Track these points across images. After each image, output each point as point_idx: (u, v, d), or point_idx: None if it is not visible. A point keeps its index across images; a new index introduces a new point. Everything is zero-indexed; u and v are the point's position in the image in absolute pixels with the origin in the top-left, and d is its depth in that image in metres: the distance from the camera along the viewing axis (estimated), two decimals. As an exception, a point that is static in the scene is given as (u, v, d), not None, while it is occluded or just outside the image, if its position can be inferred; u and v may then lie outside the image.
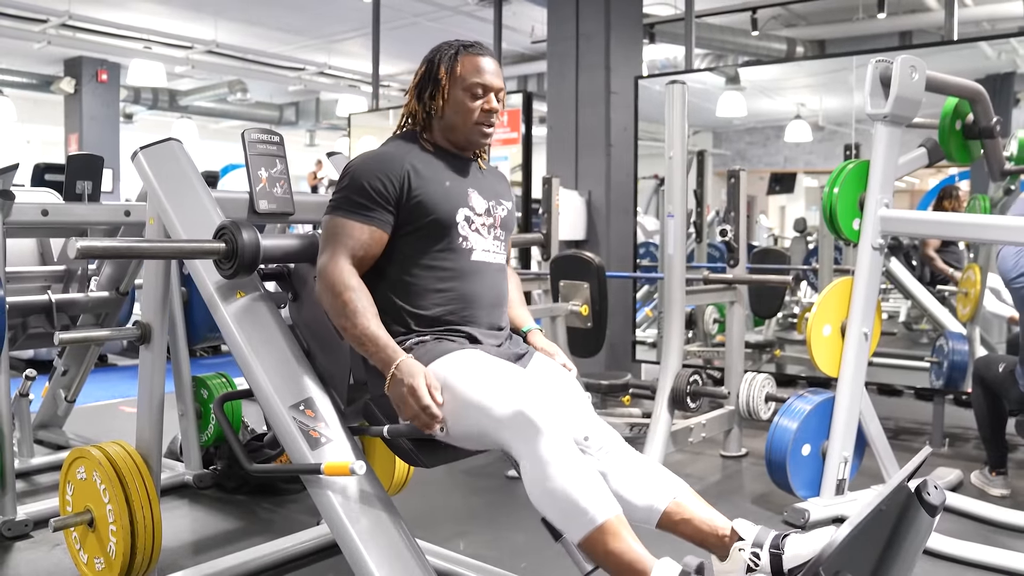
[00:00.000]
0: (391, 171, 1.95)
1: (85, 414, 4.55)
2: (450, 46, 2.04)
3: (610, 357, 5.58)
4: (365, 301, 1.87)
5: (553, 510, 1.66)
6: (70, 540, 2.31)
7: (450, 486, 3.61)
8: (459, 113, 2.00)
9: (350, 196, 1.94)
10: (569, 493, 1.63)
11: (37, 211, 3.04)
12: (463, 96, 1.99)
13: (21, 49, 9.63)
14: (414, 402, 1.73)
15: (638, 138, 5.58)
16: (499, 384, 1.75)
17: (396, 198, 1.94)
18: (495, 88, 2.01)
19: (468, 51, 2.02)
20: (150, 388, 2.27)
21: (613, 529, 1.62)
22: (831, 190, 3.05)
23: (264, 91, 12.47)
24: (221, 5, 8.45)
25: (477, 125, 2.01)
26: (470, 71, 1.99)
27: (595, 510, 1.63)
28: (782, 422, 3.12)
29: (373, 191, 1.93)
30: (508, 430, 1.70)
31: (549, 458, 1.65)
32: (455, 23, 8.51)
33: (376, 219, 1.93)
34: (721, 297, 4.04)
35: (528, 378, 1.84)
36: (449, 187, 2.00)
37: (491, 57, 2.04)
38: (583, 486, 1.64)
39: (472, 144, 2.06)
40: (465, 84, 1.99)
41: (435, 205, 1.96)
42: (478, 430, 1.78)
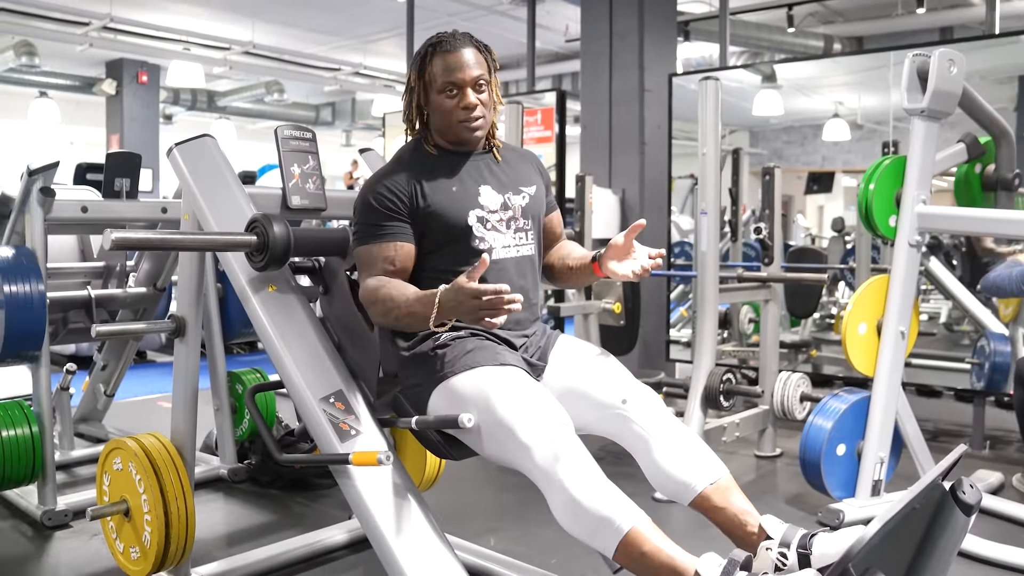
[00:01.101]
0: (398, 186, 1.95)
1: (124, 409, 4.62)
2: (423, 46, 2.00)
3: (644, 356, 5.56)
4: (398, 285, 1.88)
5: (581, 531, 1.68)
6: (107, 530, 2.35)
7: (482, 482, 3.62)
8: (441, 115, 1.98)
9: (366, 222, 1.96)
10: (591, 511, 1.64)
11: (77, 208, 3.10)
12: (440, 98, 1.96)
13: (64, 52, 9.82)
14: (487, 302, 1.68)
15: (673, 137, 5.55)
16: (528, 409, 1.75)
17: (408, 209, 1.94)
18: (468, 82, 1.94)
19: (437, 50, 1.96)
20: (184, 381, 2.30)
21: (642, 534, 1.62)
22: (867, 186, 3.01)
23: (300, 92, 12.60)
24: (258, 7, 8.55)
25: (461, 123, 1.97)
26: (439, 71, 1.95)
27: (619, 520, 1.63)
28: (816, 421, 3.08)
29: (384, 208, 1.93)
30: (530, 459, 1.71)
31: (568, 483, 1.66)
32: (489, 22, 8.53)
33: (396, 233, 1.94)
34: (755, 296, 4.01)
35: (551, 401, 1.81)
36: (456, 192, 1.98)
37: (464, 48, 1.96)
38: (603, 501, 1.65)
39: (465, 141, 2.02)
40: (437, 86, 1.96)
41: (445, 213, 1.95)
42: (499, 447, 1.79)
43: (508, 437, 1.75)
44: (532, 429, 1.72)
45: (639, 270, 1.95)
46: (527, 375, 1.88)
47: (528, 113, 6.56)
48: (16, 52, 9.14)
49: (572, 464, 1.69)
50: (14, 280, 2.85)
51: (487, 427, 1.79)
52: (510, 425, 1.74)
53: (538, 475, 1.72)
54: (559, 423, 1.76)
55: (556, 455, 1.69)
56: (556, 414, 1.78)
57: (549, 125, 6.45)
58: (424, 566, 1.78)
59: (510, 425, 1.74)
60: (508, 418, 1.75)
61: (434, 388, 1.90)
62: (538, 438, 1.71)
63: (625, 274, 1.97)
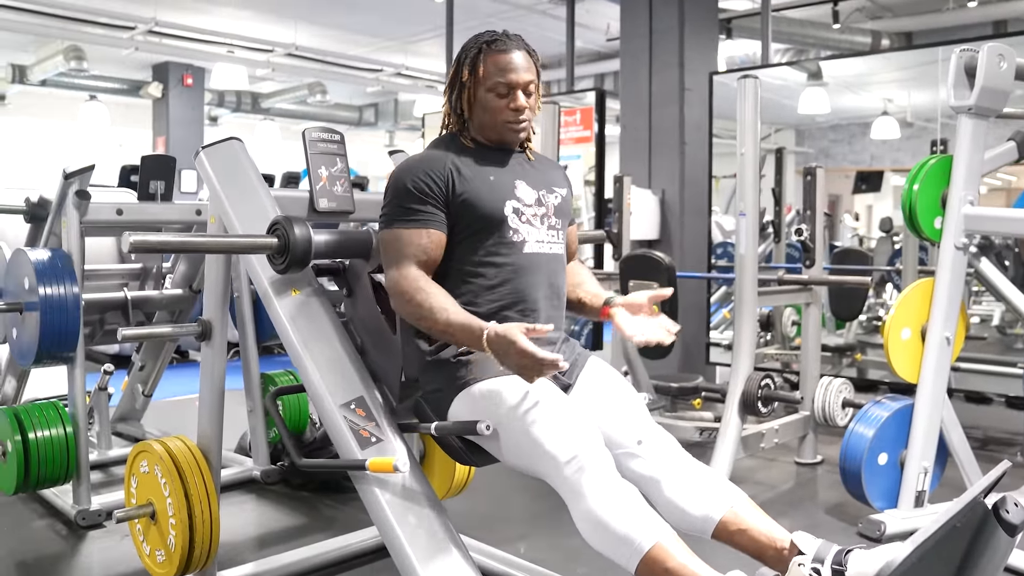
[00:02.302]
0: (434, 171, 1.92)
1: (164, 408, 4.66)
2: (474, 44, 1.98)
3: (683, 359, 5.47)
4: (439, 296, 1.84)
5: (605, 545, 1.63)
6: (134, 531, 2.35)
7: (513, 489, 3.58)
8: (488, 113, 1.96)
9: (399, 204, 1.92)
10: (615, 524, 1.60)
11: (112, 210, 3.12)
12: (489, 96, 1.95)
13: (112, 56, 9.99)
14: (531, 362, 1.66)
15: (715, 136, 5.45)
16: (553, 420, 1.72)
17: (444, 196, 1.91)
18: (521, 84, 1.94)
19: (491, 48, 1.95)
20: (210, 384, 2.29)
21: (664, 551, 1.58)
22: (911, 187, 2.91)
23: (343, 93, 12.66)
24: (300, 9, 8.60)
25: (507, 123, 1.96)
26: (492, 70, 1.93)
27: (641, 536, 1.58)
28: (857, 429, 2.98)
29: (420, 193, 1.90)
30: (556, 470, 1.68)
31: (594, 497, 1.63)
32: (530, 22, 8.48)
33: (431, 220, 1.90)
34: (796, 298, 3.91)
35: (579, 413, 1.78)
36: (494, 181, 1.96)
37: (517, 51, 1.95)
38: (627, 515, 1.61)
39: (507, 140, 2.01)
40: (489, 84, 1.94)
41: (481, 201, 1.92)
42: (524, 456, 1.76)
43: (532, 446, 1.71)
44: (557, 440, 1.69)
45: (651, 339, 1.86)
46: (552, 386, 1.84)
47: (567, 113, 6.51)
48: (65, 57, 9.32)
49: (596, 477, 1.65)
50: (49, 282, 2.88)
51: (510, 436, 1.75)
52: (535, 435, 1.71)
53: (562, 486, 1.68)
54: (585, 435, 1.71)
55: (581, 467, 1.65)
56: (582, 425, 1.74)
57: (588, 125, 6.39)
58: (439, 570, 1.74)
59: (535, 435, 1.71)
60: (533, 428, 1.71)
61: (456, 394, 1.87)
62: (563, 449, 1.67)
63: (631, 335, 1.88)
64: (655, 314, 1.94)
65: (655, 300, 1.93)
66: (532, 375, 1.69)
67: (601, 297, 2.08)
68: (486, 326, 1.74)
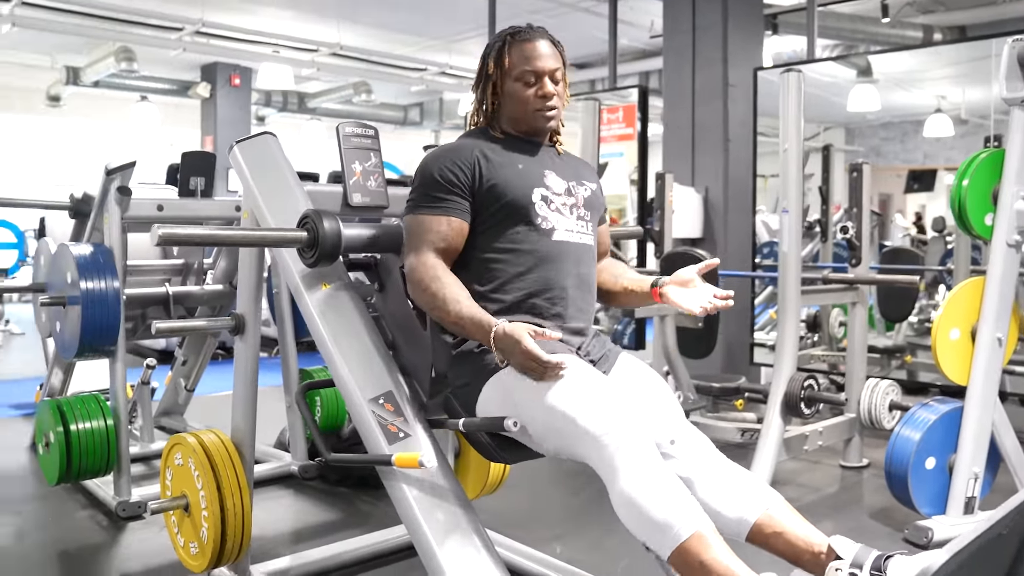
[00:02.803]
0: (461, 160, 1.92)
1: (208, 403, 4.70)
2: (499, 37, 2.00)
3: (727, 359, 5.39)
4: (454, 288, 1.84)
5: (640, 528, 1.59)
6: (169, 523, 2.37)
7: (551, 487, 3.55)
8: (516, 103, 1.97)
9: (424, 192, 1.93)
10: (654, 508, 1.55)
11: (153, 206, 3.16)
12: (516, 86, 1.96)
13: (161, 57, 10.16)
14: (535, 364, 1.68)
15: (761, 135, 5.35)
16: (589, 397, 1.69)
17: (470, 185, 1.91)
18: (547, 71, 1.95)
19: (515, 39, 1.97)
20: (244, 378, 2.29)
21: (702, 541, 1.53)
22: (960, 183, 2.81)
23: (388, 92, 12.72)
24: (344, 8, 8.65)
25: (537, 112, 1.97)
26: (518, 60, 1.95)
27: (680, 524, 1.54)
28: (904, 432, 2.90)
29: (445, 182, 1.90)
30: (594, 447, 1.64)
31: (634, 476, 1.58)
32: (573, 20, 8.43)
33: (453, 208, 1.90)
34: (842, 298, 3.82)
35: (615, 391, 1.76)
36: (522, 168, 1.95)
37: (542, 40, 1.98)
38: (667, 500, 1.56)
39: (538, 130, 2.00)
40: (516, 73, 1.95)
41: (509, 187, 1.91)
42: (560, 438, 1.72)
43: (569, 426, 1.67)
44: (595, 417, 1.65)
45: (709, 307, 1.89)
46: (583, 362, 1.81)
47: (610, 111, 6.45)
48: (117, 58, 9.49)
49: (636, 456, 1.60)
50: (91, 276, 2.92)
51: (545, 418, 1.71)
52: (571, 413, 1.67)
53: (601, 466, 1.64)
54: (623, 411, 1.67)
55: (621, 446, 1.61)
56: (619, 401, 1.70)
57: (631, 122, 6.33)
58: (466, 567, 1.72)
59: (571, 413, 1.67)
60: (567, 406, 1.68)
61: (483, 384, 1.84)
62: (602, 426, 1.63)
63: (690, 308, 1.90)
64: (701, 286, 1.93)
65: (703, 272, 1.94)
66: (535, 376, 1.70)
67: (647, 281, 2.06)
68: (495, 323, 1.74)
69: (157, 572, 2.59)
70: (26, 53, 10.31)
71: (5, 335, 8.06)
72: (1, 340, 7.77)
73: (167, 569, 2.59)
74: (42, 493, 3.33)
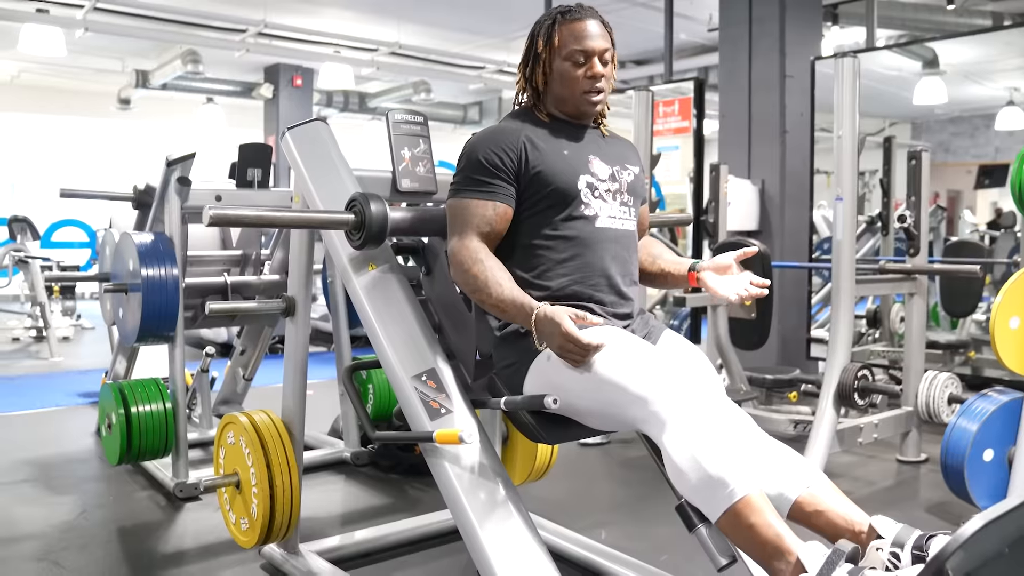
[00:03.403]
0: (507, 144, 1.91)
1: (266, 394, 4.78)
2: (548, 16, 1.98)
3: (783, 353, 5.32)
4: (496, 271, 1.85)
5: (691, 485, 1.57)
6: (222, 501, 2.44)
7: (600, 475, 3.55)
8: (565, 83, 1.95)
9: (469, 175, 1.92)
10: (709, 465, 1.54)
11: (211, 196, 3.24)
12: (565, 66, 1.94)
13: (225, 59, 10.41)
14: (574, 347, 1.68)
15: (823, 130, 5.26)
16: (638, 362, 1.69)
17: (515, 171, 1.91)
18: (597, 51, 1.93)
19: (565, 18, 1.95)
20: (294, 358, 2.35)
21: (756, 504, 1.52)
22: (1021, 166, 2.74)
23: (448, 91, 12.83)
24: (403, 8, 8.76)
25: (585, 93, 1.95)
26: (568, 39, 1.93)
27: (735, 483, 1.52)
28: (960, 423, 2.83)
29: (491, 166, 1.90)
30: (646, 408, 1.63)
31: (688, 430, 1.57)
32: (631, 15, 8.40)
33: (499, 193, 1.90)
34: (899, 288, 3.74)
35: (663, 354, 1.76)
36: (568, 155, 1.94)
37: (592, 19, 1.95)
38: (723, 458, 1.55)
39: (584, 113, 1.99)
40: (565, 53, 1.93)
41: (555, 174, 1.91)
42: (610, 408, 1.72)
43: (619, 394, 1.67)
44: (646, 380, 1.64)
45: (744, 294, 1.89)
46: (629, 333, 1.81)
47: (666, 104, 6.41)
48: (183, 61, 9.76)
49: (692, 413, 1.59)
50: (151, 264, 3.02)
51: (594, 391, 1.72)
52: (621, 381, 1.67)
53: (653, 423, 1.62)
54: (672, 371, 1.67)
55: (674, 402, 1.60)
56: (667, 363, 1.70)
57: (687, 116, 6.28)
58: (506, 546, 1.74)
59: (621, 381, 1.67)
60: (617, 374, 1.68)
61: (528, 366, 1.86)
62: (654, 387, 1.63)
63: (725, 295, 1.91)
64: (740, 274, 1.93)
65: (741, 259, 1.93)
66: (575, 358, 1.70)
67: (685, 264, 2.06)
68: (536, 306, 1.74)
69: (210, 549, 2.67)
70: (97, 57, 10.66)
71: (76, 329, 8.35)
72: (72, 334, 8.04)
73: (220, 546, 2.66)
74: (105, 475, 3.46)
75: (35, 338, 7.64)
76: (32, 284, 7.13)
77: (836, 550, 1.44)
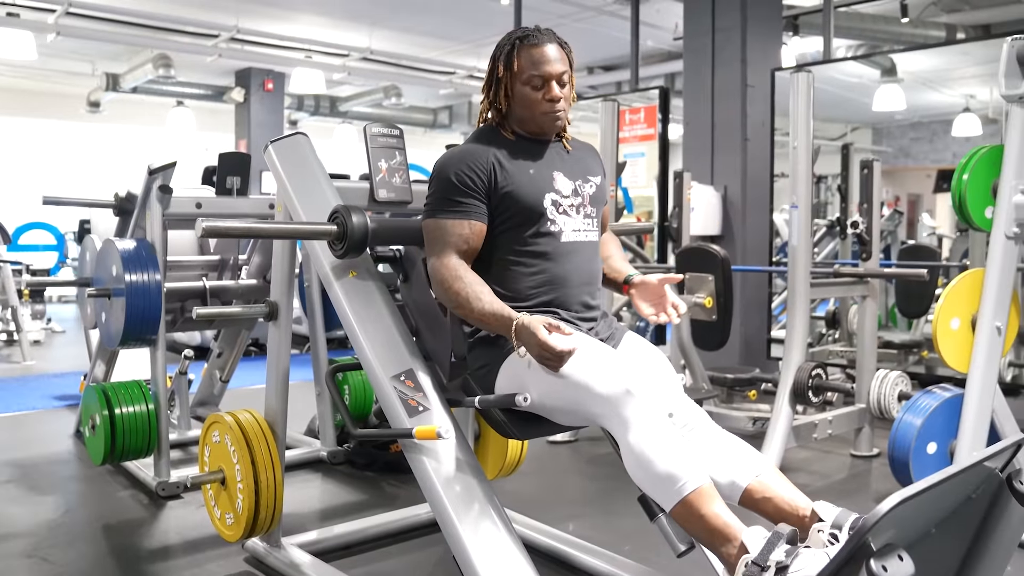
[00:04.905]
0: (478, 165, 2.02)
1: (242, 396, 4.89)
2: (507, 40, 2.07)
3: (745, 354, 5.50)
4: (475, 286, 1.96)
5: (647, 480, 1.73)
6: (207, 497, 2.55)
7: (568, 471, 3.69)
8: (525, 106, 2.05)
9: (443, 196, 2.02)
10: (661, 462, 1.70)
11: (191, 204, 3.34)
12: (525, 89, 2.03)
13: (197, 63, 10.43)
14: (548, 354, 1.79)
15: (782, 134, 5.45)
16: (600, 363, 1.83)
17: (486, 189, 2.01)
18: (554, 75, 2.02)
19: (523, 43, 2.03)
20: (277, 361, 2.47)
21: (704, 496, 1.68)
22: (960, 176, 2.92)
23: (418, 96, 12.92)
24: (375, 14, 8.85)
25: (544, 115, 2.05)
26: (526, 64, 2.02)
27: (686, 477, 1.69)
28: (906, 418, 3.01)
29: (463, 186, 2.00)
30: (608, 406, 1.78)
31: (644, 430, 1.73)
32: (599, 23, 8.56)
33: (472, 212, 2.01)
34: (852, 291, 3.92)
35: (624, 357, 1.91)
36: (533, 174, 2.05)
37: (549, 44, 2.03)
38: (675, 455, 1.71)
39: (547, 132, 2.09)
40: (524, 77, 2.02)
41: (522, 194, 2.02)
42: (576, 406, 1.86)
43: (584, 393, 1.81)
44: (608, 380, 1.79)
45: (662, 319, 2.07)
46: (595, 340, 1.96)
47: (632, 112, 6.58)
48: (154, 65, 9.77)
49: (647, 415, 1.75)
50: (134, 270, 3.12)
51: (562, 390, 1.86)
52: (586, 381, 1.81)
53: (615, 422, 1.77)
54: (632, 371, 1.82)
55: (632, 404, 1.75)
56: (628, 364, 1.85)
57: (653, 123, 6.45)
58: (482, 537, 1.87)
59: (586, 381, 1.81)
60: (582, 374, 1.81)
61: (500, 367, 1.99)
62: (615, 387, 1.77)
63: (648, 315, 2.09)
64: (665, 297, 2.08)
65: (665, 283, 2.08)
66: (552, 364, 1.80)
67: (623, 274, 2.21)
68: (516, 316, 1.86)
69: (194, 544, 2.77)
70: (68, 61, 10.64)
71: (47, 333, 8.35)
72: (43, 337, 8.05)
73: (204, 541, 2.77)
74: (87, 475, 3.54)
75: (6, 342, 7.65)
76: (3, 287, 7.13)
77: (775, 532, 1.60)
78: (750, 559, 1.57)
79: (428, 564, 2.64)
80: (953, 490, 1.50)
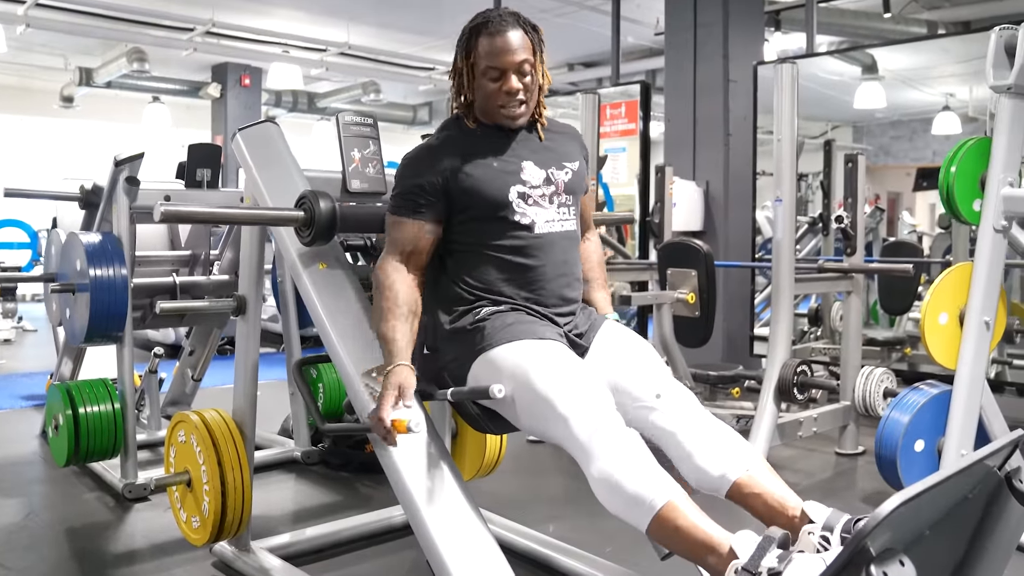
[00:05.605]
0: (435, 162, 1.94)
1: (215, 395, 4.77)
2: (467, 28, 1.98)
3: (728, 350, 5.45)
4: (391, 301, 1.90)
5: (616, 505, 1.65)
6: (172, 500, 2.45)
7: (549, 471, 3.61)
8: (484, 98, 1.95)
9: (399, 193, 1.97)
10: (628, 483, 1.62)
11: (160, 196, 3.22)
12: (483, 81, 1.93)
13: (173, 58, 10.28)
14: (374, 420, 1.79)
15: (765, 131, 5.40)
16: (566, 382, 1.75)
17: (442, 187, 1.93)
18: (512, 66, 1.90)
19: (481, 32, 1.92)
20: (245, 357, 2.38)
21: (676, 509, 1.59)
22: (948, 169, 2.86)
23: (398, 92, 12.81)
24: (353, 9, 8.74)
25: (500, 107, 1.95)
26: (483, 55, 1.91)
27: (652, 495, 1.60)
28: (893, 415, 2.95)
29: (416, 186, 1.94)
30: (567, 429, 1.70)
31: (604, 457, 1.65)
32: (580, 18, 8.50)
33: (421, 212, 1.94)
34: (836, 287, 3.88)
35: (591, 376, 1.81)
36: (497, 167, 1.96)
37: (510, 31, 1.90)
38: (638, 476, 1.62)
39: (508, 124, 1.99)
40: (481, 69, 1.92)
41: (483, 188, 1.93)
42: (537, 420, 1.79)
43: (547, 409, 1.74)
44: (570, 401, 1.71)
45: None
46: (567, 349, 1.87)
47: (612, 106, 6.51)
48: (129, 59, 9.61)
49: (610, 438, 1.67)
50: (99, 264, 3.01)
51: (525, 400, 1.78)
52: (548, 397, 1.73)
53: (575, 448, 1.70)
54: (598, 397, 1.74)
55: (595, 428, 1.68)
56: (595, 388, 1.77)
57: (634, 118, 6.38)
58: (454, 533, 1.78)
59: (548, 397, 1.73)
60: (547, 390, 1.74)
61: (473, 360, 1.91)
62: (576, 410, 1.70)
63: None
64: None
65: None
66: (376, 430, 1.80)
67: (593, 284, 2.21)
68: (396, 361, 1.83)
69: (161, 548, 2.67)
70: (40, 55, 10.45)
71: (18, 332, 8.19)
72: (14, 336, 7.89)
73: (171, 545, 2.66)
74: (51, 477, 3.43)
75: (-25, 341, 7.49)
76: (-29, 286, 6.99)
77: (767, 536, 1.51)
78: (740, 565, 1.48)
79: (402, 568, 2.56)
80: (950, 490, 1.44)
